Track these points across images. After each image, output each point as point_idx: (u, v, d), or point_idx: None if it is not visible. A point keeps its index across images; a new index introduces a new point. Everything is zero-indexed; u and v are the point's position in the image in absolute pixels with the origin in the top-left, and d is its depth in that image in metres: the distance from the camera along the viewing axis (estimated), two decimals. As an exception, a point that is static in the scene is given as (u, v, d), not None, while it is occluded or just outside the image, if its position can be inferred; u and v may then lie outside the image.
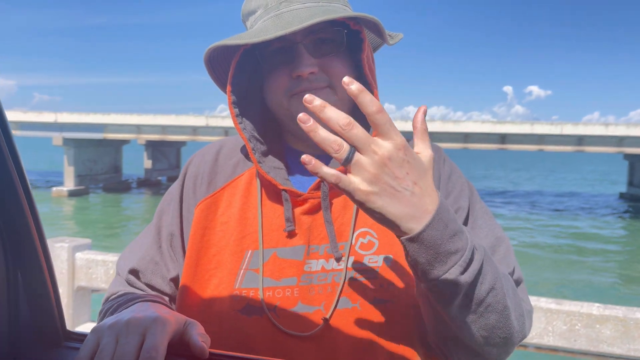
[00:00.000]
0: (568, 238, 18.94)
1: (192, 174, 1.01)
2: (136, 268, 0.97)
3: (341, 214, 0.92)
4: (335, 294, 0.87)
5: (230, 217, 0.94)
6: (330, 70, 0.90)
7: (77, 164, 28.96)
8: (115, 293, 0.96)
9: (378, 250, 0.90)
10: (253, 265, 0.90)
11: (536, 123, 26.42)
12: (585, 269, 14.14)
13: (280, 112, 0.95)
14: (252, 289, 0.88)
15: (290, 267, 0.89)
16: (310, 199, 0.91)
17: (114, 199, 27.59)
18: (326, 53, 0.90)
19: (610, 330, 2.68)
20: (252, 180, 0.97)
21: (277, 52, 0.90)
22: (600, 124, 25.98)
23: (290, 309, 0.87)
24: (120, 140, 32.06)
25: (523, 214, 24.78)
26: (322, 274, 0.88)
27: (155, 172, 35.17)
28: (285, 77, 0.90)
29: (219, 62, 0.95)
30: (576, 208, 28.12)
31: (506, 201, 30.32)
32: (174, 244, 0.99)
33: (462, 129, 26.82)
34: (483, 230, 0.94)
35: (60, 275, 3.96)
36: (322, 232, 0.90)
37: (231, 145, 1.04)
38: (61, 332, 0.69)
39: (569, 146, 26.62)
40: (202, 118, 28.92)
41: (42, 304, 0.68)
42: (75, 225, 19.41)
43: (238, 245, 0.92)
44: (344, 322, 0.86)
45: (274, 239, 0.91)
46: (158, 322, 0.69)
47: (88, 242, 4.16)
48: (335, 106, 0.87)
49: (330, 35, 0.90)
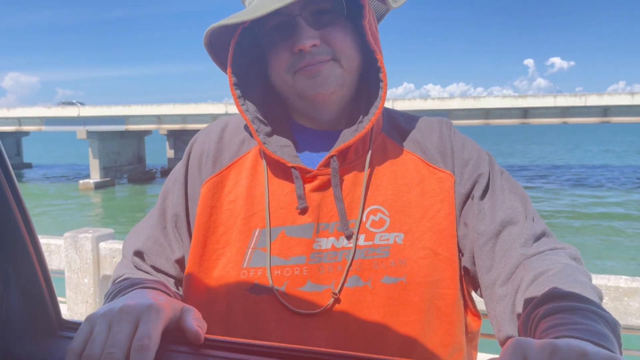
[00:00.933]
0: (595, 208, 18.58)
1: (197, 153, 0.99)
2: (140, 250, 0.96)
3: (351, 190, 0.89)
4: (345, 272, 0.85)
5: (237, 196, 0.93)
6: (333, 41, 0.87)
7: (101, 156, 29.48)
8: (120, 276, 0.95)
9: (389, 228, 0.87)
10: (261, 244, 0.88)
11: (559, 95, 25.80)
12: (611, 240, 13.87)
13: (285, 89, 0.92)
14: (260, 268, 0.87)
15: (298, 245, 0.87)
16: (319, 175, 0.89)
17: (139, 189, 28.06)
18: (327, 23, 0.87)
19: (638, 302, 2.62)
20: (259, 158, 0.95)
21: (277, 27, 0.87)
22: (626, 93, 25.23)
23: (299, 287, 0.85)
24: (142, 131, 32.52)
25: (549, 188, 24.37)
26: (332, 252, 0.86)
27: (177, 161, 35.52)
28: (287, 52, 0.88)
29: (221, 44, 0.92)
30: (603, 180, 27.53)
31: (531, 175, 29.84)
32: (179, 225, 0.97)
33: (483, 104, 26.36)
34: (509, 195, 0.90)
35: (86, 265, 4.04)
36: (332, 210, 0.88)
37: (236, 122, 1.02)
38: (55, 322, 0.68)
39: (594, 117, 25.97)
40: (221, 105, 29.05)
41: (35, 295, 0.67)
42: (103, 216, 19.82)
43: (245, 224, 0.90)
44: (355, 300, 0.84)
45: (282, 217, 0.89)
46: (152, 308, 0.68)
47: (111, 232, 4.22)
48: (341, 78, 0.89)
49: (329, 5, 0.87)
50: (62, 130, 31.83)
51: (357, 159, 0.91)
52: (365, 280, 0.85)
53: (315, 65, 0.86)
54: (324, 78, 0.87)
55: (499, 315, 0.81)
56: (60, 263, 4.09)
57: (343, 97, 0.93)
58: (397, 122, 0.99)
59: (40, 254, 0.67)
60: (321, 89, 0.88)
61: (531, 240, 0.84)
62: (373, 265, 0.85)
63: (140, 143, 33.48)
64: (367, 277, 0.85)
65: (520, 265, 0.81)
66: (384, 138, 0.95)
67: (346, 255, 0.86)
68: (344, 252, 0.86)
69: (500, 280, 0.83)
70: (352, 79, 0.92)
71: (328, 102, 0.91)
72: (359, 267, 0.85)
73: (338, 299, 0.84)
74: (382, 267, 0.85)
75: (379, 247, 0.86)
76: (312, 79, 0.87)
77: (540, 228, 0.87)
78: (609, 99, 25.25)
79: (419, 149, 0.95)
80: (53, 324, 0.68)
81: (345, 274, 0.85)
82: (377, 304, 0.84)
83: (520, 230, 0.85)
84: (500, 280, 0.83)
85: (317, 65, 0.86)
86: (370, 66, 0.93)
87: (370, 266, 0.85)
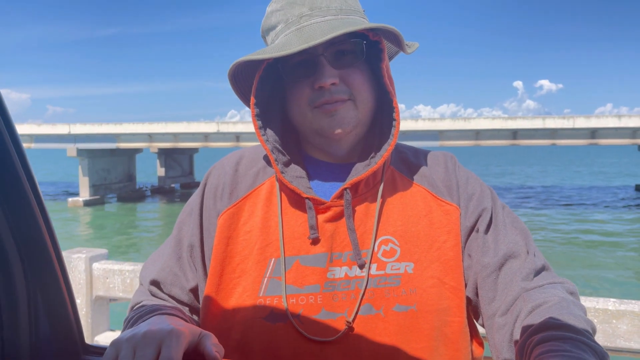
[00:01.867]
0: (584, 232, 18.71)
1: (213, 185, 1.03)
2: (157, 279, 1.00)
3: (363, 222, 0.93)
4: (358, 300, 0.88)
5: (253, 226, 0.96)
6: (351, 82, 0.93)
7: (91, 174, 29.28)
8: (139, 303, 0.99)
9: (400, 258, 0.91)
10: (276, 273, 0.92)
11: (548, 117, 26.16)
12: (600, 264, 13.96)
13: (302, 123, 0.97)
14: (275, 296, 0.90)
15: (313, 274, 0.90)
16: (333, 206, 0.93)
17: (129, 207, 27.84)
18: (347, 64, 0.93)
19: (626, 325, 2.66)
20: (273, 189, 0.99)
21: (299, 64, 0.93)
22: (613, 115, 25.63)
23: (314, 315, 0.88)
24: (133, 149, 32.36)
25: (538, 210, 24.54)
26: (345, 281, 0.90)
27: (168, 179, 35.44)
28: (308, 88, 0.93)
29: (242, 76, 0.98)
30: (591, 201, 27.77)
31: (521, 197, 30.05)
32: (194, 255, 1.00)
33: (473, 126, 26.64)
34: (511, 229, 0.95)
35: (79, 285, 4.02)
36: (344, 240, 0.92)
37: (250, 155, 1.06)
38: (80, 346, 0.72)
39: (582, 139, 26.30)
40: (213, 124, 29.09)
41: (61, 318, 0.70)
42: (91, 235, 19.62)
43: (261, 253, 0.93)
44: (368, 328, 0.88)
45: (297, 247, 0.92)
46: (173, 334, 0.71)
47: (104, 252, 4.22)
48: (355, 119, 0.94)
49: (350, 47, 0.93)
50: (52, 147, 31.65)
51: (368, 191, 0.96)
52: (377, 309, 0.88)
53: (334, 104, 0.92)
54: (340, 118, 0.93)
55: (498, 343, 0.86)
56: (53, 283, 4.06)
57: (357, 135, 0.98)
58: (405, 156, 1.04)
59: (67, 279, 0.71)
60: (337, 128, 0.93)
61: (532, 274, 0.89)
62: (385, 294, 0.89)
63: (131, 161, 33.30)
64: (379, 305, 0.88)
65: (519, 297, 0.86)
66: (392, 171, 1.00)
67: (359, 284, 0.89)
68: (357, 281, 0.90)
69: (500, 311, 0.87)
70: (366, 119, 0.97)
71: (343, 140, 0.97)
72: (372, 296, 0.89)
73: (352, 327, 0.88)
74: (394, 296, 0.89)
75: (390, 277, 0.90)
76: (330, 117, 0.93)
77: (540, 263, 0.92)
78: (597, 121, 25.64)
79: (426, 181, 0.99)
80: (78, 349, 0.72)
81: (359, 302, 0.88)
82: (388, 331, 0.88)
83: (522, 264, 0.90)
84: (500, 310, 0.87)
85: (335, 104, 0.92)
86: (383, 105, 0.99)
87: (382, 295, 0.89)
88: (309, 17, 0.90)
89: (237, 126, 28.52)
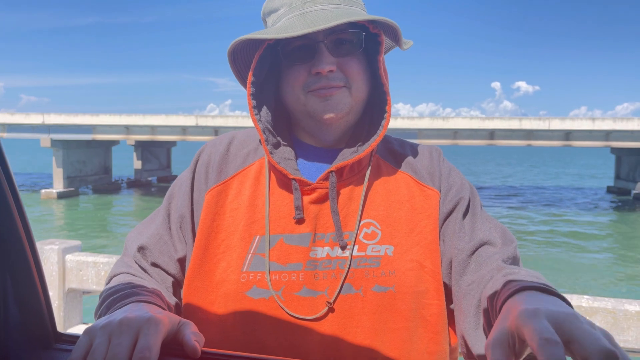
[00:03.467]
0: (556, 233, 19.10)
1: (204, 162, 1.05)
2: (144, 245, 1.01)
3: (346, 205, 0.96)
4: (339, 280, 0.91)
5: (239, 204, 0.98)
6: (348, 70, 0.96)
7: (66, 166, 28.72)
8: (117, 274, 0.99)
9: (381, 241, 0.94)
10: (260, 250, 0.94)
11: (524, 119, 26.59)
12: (573, 262, 14.27)
13: (295, 106, 0.99)
14: (258, 272, 0.92)
15: (296, 252, 0.93)
16: (318, 188, 0.96)
17: (104, 200, 27.41)
18: (345, 53, 0.96)
19: (599, 322, 2.72)
20: (262, 170, 1.01)
21: (299, 48, 0.95)
22: (587, 118, 26.19)
23: (295, 292, 0.91)
24: (110, 141, 31.83)
25: (513, 209, 24.95)
26: (327, 261, 0.92)
27: (145, 172, 34.98)
28: (305, 72, 0.95)
29: (240, 54, 1.00)
30: (564, 202, 28.37)
31: (495, 196, 30.52)
32: (184, 226, 1.01)
33: (451, 125, 26.93)
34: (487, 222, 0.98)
35: (51, 277, 3.93)
36: (328, 221, 0.94)
37: (242, 137, 1.09)
38: (52, 334, 0.69)
39: (557, 141, 26.83)
40: (191, 118, 28.80)
41: (32, 306, 0.67)
42: (65, 227, 19.26)
43: (246, 230, 0.95)
44: (347, 307, 0.90)
45: (281, 226, 0.95)
46: (151, 321, 0.69)
47: (78, 244, 4.13)
48: (349, 105, 0.97)
49: (350, 37, 0.95)
50: (26, 137, 30.93)
51: (353, 176, 0.99)
52: (357, 289, 0.91)
53: (329, 89, 0.94)
54: (335, 103, 0.95)
55: (465, 308, 0.88)
56: (25, 275, 3.97)
57: (347, 122, 1.01)
58: (392, 146, 1.07)
59: (39, 265, 0.68)
60: (331, 112, 0.96)
61: (506, 261, 0.90)
62: (365, 275, 0.91)
63: (107, 153, 32.76)
64: (359, 285, 0.91)
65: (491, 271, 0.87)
66: (378, 159, 1.03)
67: (340, 264, 0.92)
68: (338, 261, 0.92)
69: (470, 281, 0.90)
70: (358, 107, 1.00)
71: (334, 125, 0.99)
72: (352, 276, 0.91)
73: (332, 306, 0.90)
74: (373, 277, 0.91)
75: (370, 258, 0.93)
76: (324, 101, 0.95)
77: (514, 253, 0.93)
78: (571, 123, 26.17)
79: (410, 169, 1.03)
80: (49, 337, 0.69)
81: (342, 282, 0.91)
82: (367, 310, 0.90)
83: (496, 251, 0.92)
84: (470, 280, 0.90)
85: (331, 89, 0.94)
86: (375, 96, 1.01)
87: (362, 275, 0.91)
88: (313, 4, 0.93)
89: (216, 120, 28.28)
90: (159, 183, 35.52)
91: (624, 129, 25.78)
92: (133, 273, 0.99)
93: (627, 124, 25.77)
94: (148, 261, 1.00)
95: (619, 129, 25.78)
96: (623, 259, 15.17)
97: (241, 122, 26.96)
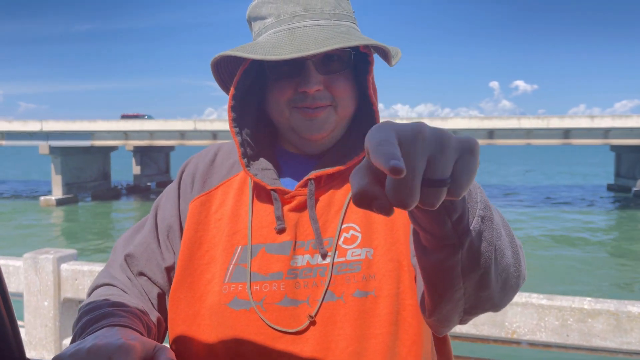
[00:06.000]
0: (557, 231, 19.07)
1: (190, 173, 1.05)
2: (132, 253, 1.00)
3: (325, 210, 0.95)
4: (320, 288, 0.90)
5: (223, 215, 0.98)
6: (335, 89, 0.94)
7: (64, 173, 28.70)
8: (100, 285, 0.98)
9: (361, 244, 0.93)
10: (242, 261, 0.93)
11: (523, 117, 26.59)
12: (575, 262, 14.24)
13: (279, 119, 0.98)
14: (240, 283, 0.91)
15: (277, 261, 0.92)
16: (297, 196, 0.95)
17: (104, 206, 27.39)
18: (333, 71, 0.94)
19: (602, 324, 2.67)
20: (247, 180, 1.01)
21: (285, 64, 0.93)
22: (586, 116, 26.20)
23: (276, 302, 0.90)
24: (108, 147, 31.85)
25: (513, 207, 24.93)
26: (307, 269, 0.91)
27: (144, 177, 34.98)
28: (291, 89, 0.93)
29: (224, 62, 0.99)
30: (565, 200, 28.35)
31: (496, 194, 30.49)
32: (171, 236, 1.01)
33: (450, 125, 26.93)
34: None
35: (46, 287, 3.89)
36: (308, 229, 0.94)
37: (229, 147, 1.08)
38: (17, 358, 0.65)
39: (556, 139, 26.83)
40: (189, 122, 28.80)
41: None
42: (63, 235, 19.21)
43: (229, 241, 0.95)
44: (329, 315, 0.89)
45: (263, 235, 0.94)
46: (122, 349, 0.66)
47: (74, 253, 4.09)
48: (334, 123, 0.97)
49: (338, 54, 0.93)
50: (24, 145, 30.92)
51: (332, 182, 0.98)
52: (338, 295, 0.89)
53: (314, 109, 0.93)
54: (319, 123, 0.94)
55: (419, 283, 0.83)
56: (19, 285, 3.93)
57: (333, 138, 1.00)
58: None
59: (3, 289, 0.64)
60: (315, 132, 0.95)
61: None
62: (345, 281, 0.90)
63: (105, 159, 32.76)
64: (340, 291, 0.89)
65: None
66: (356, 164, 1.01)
67: (320, 272, 0.91)
68: (318, 268, 0.91)
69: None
70: (344, 123, 0.99)
71: (319, 142, 0.98)
72: (333, 283, 0.90)
73: (314, 319, 0.89)
74: (354, 282, 0.90)
75: (351, 263, 0.91)
76: (309, 121, 0.94)
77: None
78: (570, 121, 26.17)
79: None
80: None
81: (324, 291, 0.89)
82: (349, 317, 0.89)
83: None
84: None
85: (316, 110, 0.93)
86: (364, 111, 1.00)
87: (343, 281, 0.90)
88: (302, 18, 0.90)
89: (214, 124, 28.28)
90: (159, 188, 35.51)
91: (623, 126, 25.77)
92: (116, 285, 0.97)
93: (626, 121, 25.76)
94: (135, 270, 0.99)
95: (618, 126, 25.77)
96: (624, 256, 15.13)
97: (240, 126, 26.90)
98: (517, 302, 2.81)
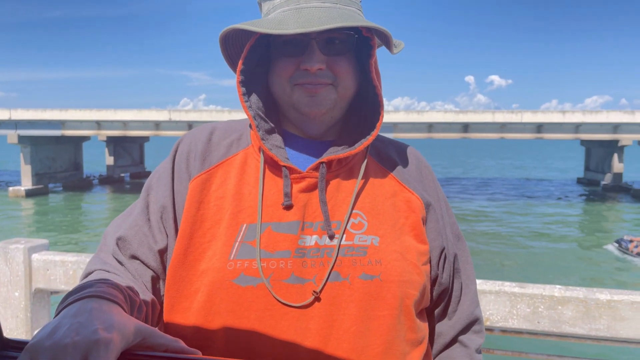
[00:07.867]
0: (528, 223, 19.46)
1: (185, 151, 1.04)
2: (124, 236, 0.99)
3: (334, 195, 0.98)
4: (326, 268, 0.92)
5: (225, 193, 0.98)
6: (337, 69, 0.96)
7: (34, 163, 28.03)
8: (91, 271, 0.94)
9: (367, 231, 0.96)
10: (248, 238, 0.93)
11: (497, 112, 26.99)
12: (545, 252, 14.57)
13: (281, 97, 1.00)
14: (246, 260, 0.92)
15: (284, 240, 0.93)
16: (307, 177, 0.97)
17: (75, 197, 26.86)
18: (336, 53, 0.97)
19: (571, 311, 2.74)
20: (247, 160, 1.02)
21: (290, 42, 0.95)
22: (558, 111, 26.74)
23: (283, 280, 0.91)
24: (80, 137, 31.21)
25: (485, 200, 25.33)
26: (315, 249, 0.93)
27: (117, 168, 34.41)
28: (293, 66, 0.96)
29: (231, 40, 1.01)
30: (535, 194, 28.93)
31: (466, 186, 30.92)
32: (165, 217, 1.00)
33: (426, 119, 27.17)
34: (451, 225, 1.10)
35: (17, 277, 3.81)
36: (316, 210, 0.96)
37: (224, 127, 1.09)
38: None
39: (529, 133, 27.33)
40: (164, 112, 28.39)
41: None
42: (33, 227, 18.78)
43: (233, 219, 0.95)
44: (334, 294, 0.91)
45: (270, 214, 0.95)
46: (100, 344, 0.64)
47: (45, 243, 4.00)
48: (334, 102, 0.99)
49: (342, 37, 0.96)
50: (-8, 133, 30.04)
51: (341, 169, 1.01)
52: (344, 277, 0.92)
53: (315, 85, 0.95)
54: (320, 99, 0.97)
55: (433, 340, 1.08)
56: (-11, 276, 3.84)
57: (332, 118, 1.02)
58: (379, 144, 1.11)
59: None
60: (315, 108, 0.97)
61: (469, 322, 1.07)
62: (352, 263, 0.93)
63: (77, 149, 32.09)
64: (346, 273, 0.92)
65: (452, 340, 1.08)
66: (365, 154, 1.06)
67: (328, 253, 0.93)
68: (326, 249, 0.93)
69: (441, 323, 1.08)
70: (344, 104, 1.02)
71: (318, 120, 1.01)
72: (340, 264, 0.93)
73: (318, 295, 0.91)
74: (360, 265, 0.93)
75: (357, 247, 0.94)
76: (310, 97, 0.96)
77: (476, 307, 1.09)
78: (543, 116, 26.68)
79: (394, 168, 1.07)
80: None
81: (329, 270, 0.92)
82: (354, 298, 0.91)
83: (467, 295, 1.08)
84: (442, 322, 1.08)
85: (317, 86, 0.95)
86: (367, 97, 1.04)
87: (349, 263, 0.93)
88: (309, 0, 0.93)
89: (189, 114, 27.92)
90: (132, 179, 34.97)
91: (593, 121, 26.40)
92: (108, 270, 0.94)
93: (596, 117, 26.40)
94: (127, 254, 0.98)
95: (588, 121, 26.39)
96: (590, 246, 15.54)
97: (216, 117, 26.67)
98: (490, 290, 2.86)
